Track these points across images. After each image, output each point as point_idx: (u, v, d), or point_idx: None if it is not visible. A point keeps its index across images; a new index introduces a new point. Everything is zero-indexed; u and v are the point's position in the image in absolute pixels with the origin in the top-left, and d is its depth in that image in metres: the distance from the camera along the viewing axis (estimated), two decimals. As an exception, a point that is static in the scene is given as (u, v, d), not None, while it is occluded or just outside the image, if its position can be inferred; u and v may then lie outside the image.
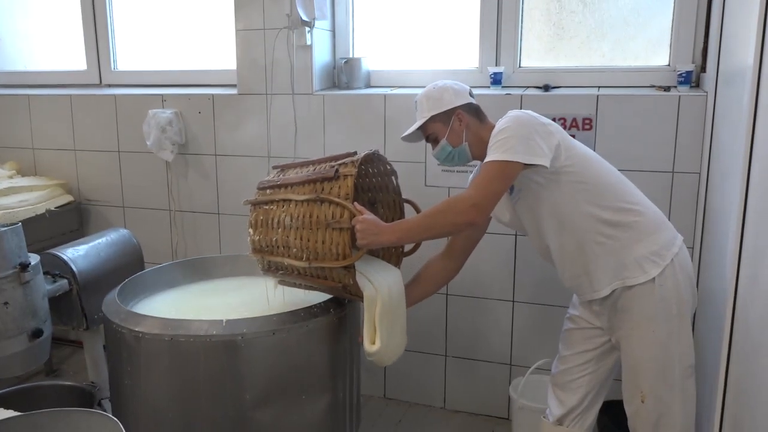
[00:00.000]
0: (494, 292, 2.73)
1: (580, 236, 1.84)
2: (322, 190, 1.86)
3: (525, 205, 1.92)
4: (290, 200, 1.90)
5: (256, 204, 1.99)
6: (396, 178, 2.15)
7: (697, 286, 2.33)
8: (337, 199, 1.81)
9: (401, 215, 2.16)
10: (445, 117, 1.95)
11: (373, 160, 2.07)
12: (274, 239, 1.92)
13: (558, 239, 1.89)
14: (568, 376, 2.02)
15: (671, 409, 1.82)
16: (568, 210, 1.84)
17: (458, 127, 1.94)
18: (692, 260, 2.41)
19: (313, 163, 2.01)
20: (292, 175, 1.98)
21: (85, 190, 3.34)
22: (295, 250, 1.87)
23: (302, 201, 1.87)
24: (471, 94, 1.99)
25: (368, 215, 1.81)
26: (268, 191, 1.99)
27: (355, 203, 1.82)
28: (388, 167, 2.13)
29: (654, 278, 1.79)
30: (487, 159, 1.78)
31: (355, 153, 1.96)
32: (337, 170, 1.85)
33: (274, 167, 2.13)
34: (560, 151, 1.80)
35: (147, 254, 2.65)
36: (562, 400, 2.03)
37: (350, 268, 1.81)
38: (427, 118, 1.95)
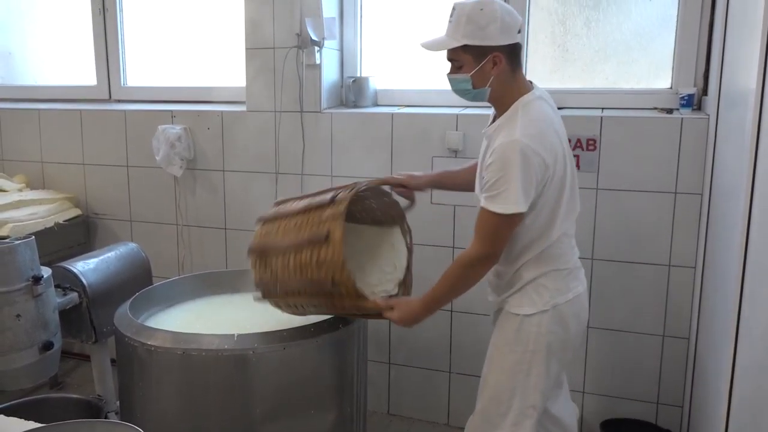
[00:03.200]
0: (498, 310, 2.75)
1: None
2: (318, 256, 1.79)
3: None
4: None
5: (258, 257, 1.98)
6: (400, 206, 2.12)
7: (699, 307, 2.36)
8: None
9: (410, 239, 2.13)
10: (479, 52, 1.71)
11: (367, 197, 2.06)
12: (288, 303, 1.98)
13: None
14: None
15: None
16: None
17: (489, 69, 1.73)
18: (693, 281, 2.45)
19: (306, 209, 1.90)
20: (281, 235, 1.92)
21: (93, 204, 3.37)
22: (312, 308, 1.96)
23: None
24: (519, 31, 1.76)
25: (397, 301, 1.87)
26: (266, 254, 1.95)
27: (376, 299, 1.87)
28: (388, 199, 2.10)
29: (524, 315, 1.83)
30: (489, 207, 1.70)
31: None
32: (327, 235, 1.77)
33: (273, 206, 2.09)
34: (539, 190, 1.74)
35: (153, 268, 2.67)
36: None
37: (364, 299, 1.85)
38: (460, 44, 1.72)
